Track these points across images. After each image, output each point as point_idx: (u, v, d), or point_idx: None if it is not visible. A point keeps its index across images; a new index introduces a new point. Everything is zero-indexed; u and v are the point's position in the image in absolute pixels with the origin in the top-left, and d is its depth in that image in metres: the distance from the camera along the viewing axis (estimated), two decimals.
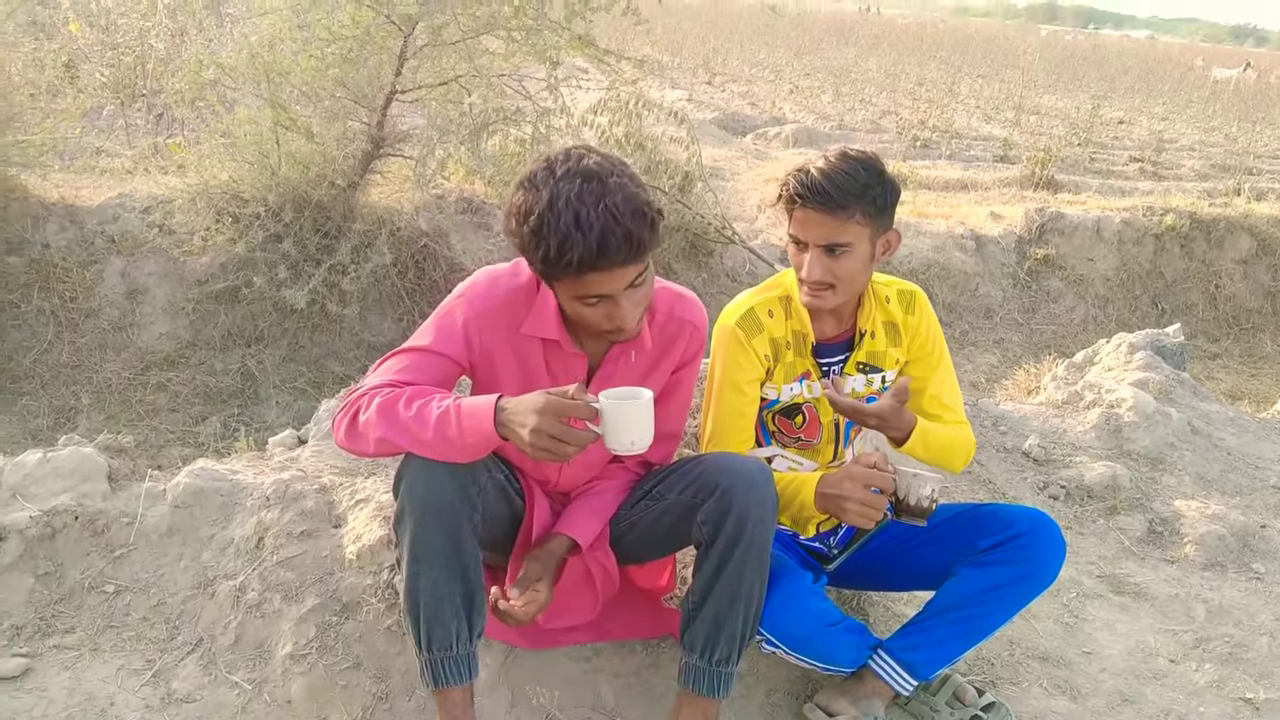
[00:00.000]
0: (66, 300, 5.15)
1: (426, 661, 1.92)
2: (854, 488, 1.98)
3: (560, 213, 1.68)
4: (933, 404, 2.32)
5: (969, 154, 12.07)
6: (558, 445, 1.65)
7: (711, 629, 1.97)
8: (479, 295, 1.96)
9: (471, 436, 1.73)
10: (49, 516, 2.44)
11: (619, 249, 1.69)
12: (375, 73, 5.38)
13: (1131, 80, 25.23)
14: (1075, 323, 7.46)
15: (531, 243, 1.72)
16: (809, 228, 2.08)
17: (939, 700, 2.29)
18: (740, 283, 6.77)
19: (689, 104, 13.44)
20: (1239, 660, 2.74)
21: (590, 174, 1.71)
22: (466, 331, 1.94)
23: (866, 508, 1.97)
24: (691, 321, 2.07)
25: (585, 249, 1.67)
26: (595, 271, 1.71)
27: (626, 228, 1.69)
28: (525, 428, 1.65)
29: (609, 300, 1.79)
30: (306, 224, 5.23)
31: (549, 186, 1.71)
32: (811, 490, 2.07)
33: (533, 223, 1.70)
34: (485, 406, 1.72)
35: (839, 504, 2.00)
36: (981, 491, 3.43)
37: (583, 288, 1.76)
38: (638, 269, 1.78)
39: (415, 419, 1.77)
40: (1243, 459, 3.90)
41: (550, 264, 1.71)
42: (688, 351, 2.09)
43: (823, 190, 2.03)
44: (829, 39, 27.73)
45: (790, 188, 2.08)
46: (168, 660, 2.29)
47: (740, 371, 2.18)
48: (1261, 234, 8.13)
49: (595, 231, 1.67)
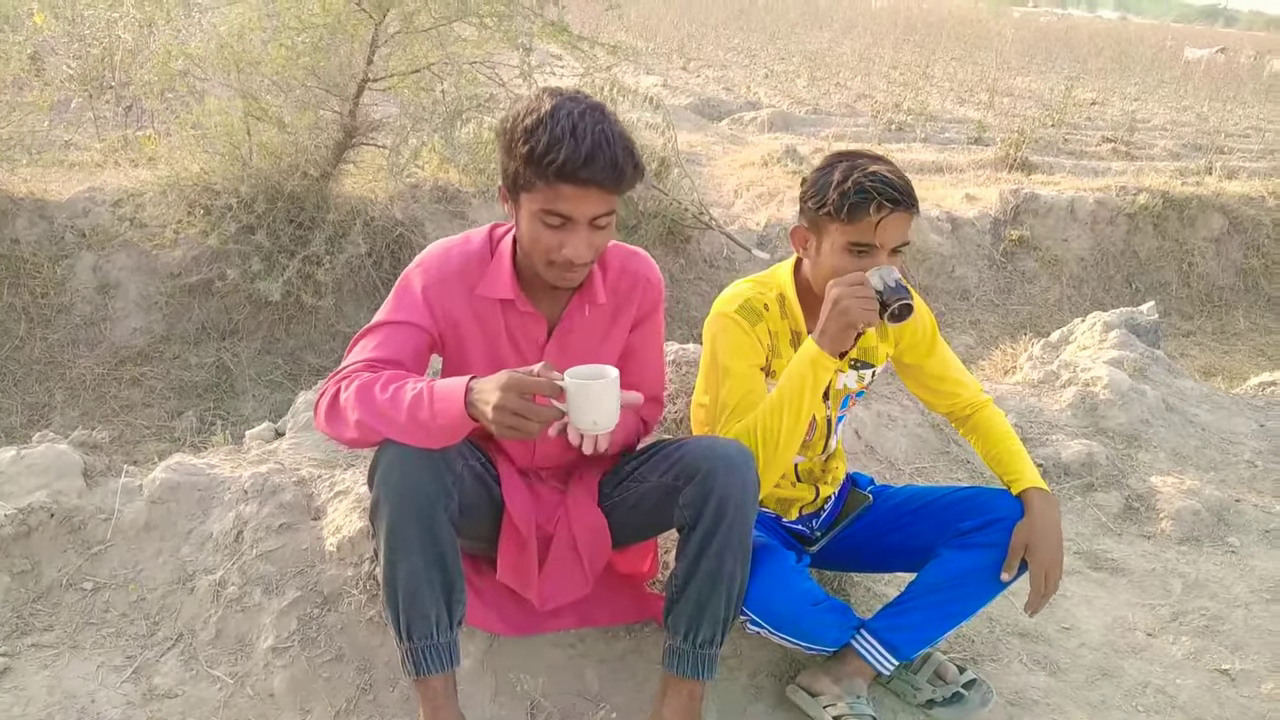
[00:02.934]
0: (37, 296, 5.09)
1: (407, 651, 1.92)
2: (841, 290, 1.97)
3: (560, 120, 1.75)
4: (943, 384, 2.35)
5: (943, 136, 12.09)
6: (522, 422, 1.66)
7: (694, 612, 1.98)
8: (434, 264, 1.99)
9: (443, 418, 1.74)
10: (24, 514, 2.42)
11: (602, 168, 1.75)
12: (347, 61, 5.33)
13: (1104, 61, 25.35)
14: (1050, 303, 7.51)
15: (522, 138, 1.77)
16: (893, 230, 2.02)
17: (920, 678, 2.31)
18: (718, 268, 6.77)
19: (664, 90, 13.39)
20: (1215, 633, 2.78)
21: (595, 105, 1.82)
22: (427, 298, 1.96)
23: (862, 299, 1.96)
24: (645, 275, 2.10)
25: (572, 153, 1.73)
26: (572, 184, 1.76)
27: (615, 152, 1.76)
28: (489, 404, 1.66)
29: (569, 226, 1.82)
30: (280, 215, 5.18)
31: (554, 101, 1.80)
32: (810, 346, 2.04)
33: (529, 122, 1.77)
34: (456, 387, 1.74)
35: (840, 313, 1.97)
36: (960, 471, 3.46)
37: (552, 200, 1.79)
38: (607, 203, 1.82)
39: (390, 402, 1.78)
40: (1217, 434, 3.95)
41: (533, 162, 1.76)
42: (644, 306, 2.10)
43: (907, 191, 2.00)
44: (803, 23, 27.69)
45: (878, 195, 1.98)
46: (148, 656, 2.28)
47: (743, 358, 2.15)
48: (1233, 212, 8.20)
49: (587, 143, 1.74)
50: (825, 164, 2.10)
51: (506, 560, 2.10)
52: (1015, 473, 2.23)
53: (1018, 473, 2.22)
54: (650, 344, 2.18)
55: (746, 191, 8.29)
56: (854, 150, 2.12)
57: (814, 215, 2.09)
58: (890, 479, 3.24)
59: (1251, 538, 3.27)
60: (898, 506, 2.38)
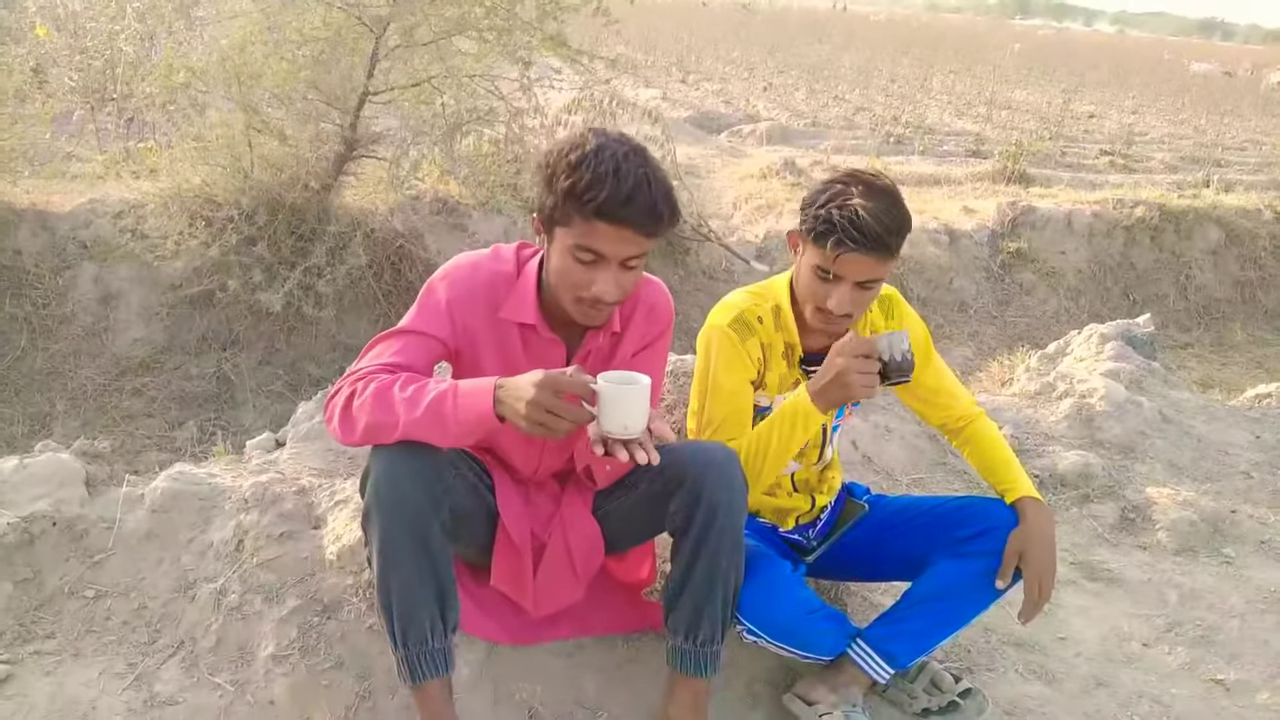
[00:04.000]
0: (39, 307, 5.11)
1: (403, 658, 1.93)
2: (848, 361, 1.99)
3: (604, 160, 1.78)
4: (937, 397, 2.36)
5: (942, 149, 12.15)
6: (553, 420, 1.68)
7: (692, 614, 2.01)
8: (462, 277, 2.00)
9: (465, 414, 1.76)
10: (27, 523, 2.43)
11: (641, 209, 1.78)
12: (347, 74, 5.37)
13: (1102, 74, 25.45)
14: (1048, 315, 7.53)
15: (564, 173, 1.80)
16: (852, 268, 2.03)
17: (916, 687, 2.32)
18: (716, 280, 6.80)
19: (663, 102, 13.46)
20: (1210, 643, 2.79)
21: (638, 147, 1.85)
22: (450, 311, 1.97)
23: (865, 375, 1.98)
24: (652, 304, 2.11)
25: (614, 193, 1.76)
26: (609, 223, 1.78)
27: (655, 197, 1.79)
28: (522, 400, 1.69)
29: (600, 264, 1.83)
30: (280, 227, 5.21)
31: (599, 140, 1.83)
32: (804, 399, 2.07)
33: (574, 158, 1.80)
34: (484, 385, 1.76)
35: (841, 384, 2.00)
36: (957, 482, 3.47)
37: (588, 236, 1.81)
38: (640, 246, 1.84)
39: (409, 400, 1.79)
40: (1213, 446, 3.96)
41: (573, 197, 1.78)
42: (650, 333, 2.12)
43: (875, 236, 1.99)
44: (802, 36, 27.82)
45: (839, 231, 1.99)
46: (149, 664, 2.29)
47: (734, 373, 2.18)
48: (1230, 225, 8.23)
49: (629, 184, 1.77)
50: (829, 179, 2.12)
51: (501, 567, 2.12)
52: (1009, 482, 2.24)
53: (1011, 482, 2.24)
54: (651, 368, 2.17)
55: (745, 204, 8.32)
56: (861, 174, 2.10)
57: (799, 226, 2.13)
58: (888, 489, 3.25)
59: (1247, 548, 3.29)
60: (893, 516, 2.39)
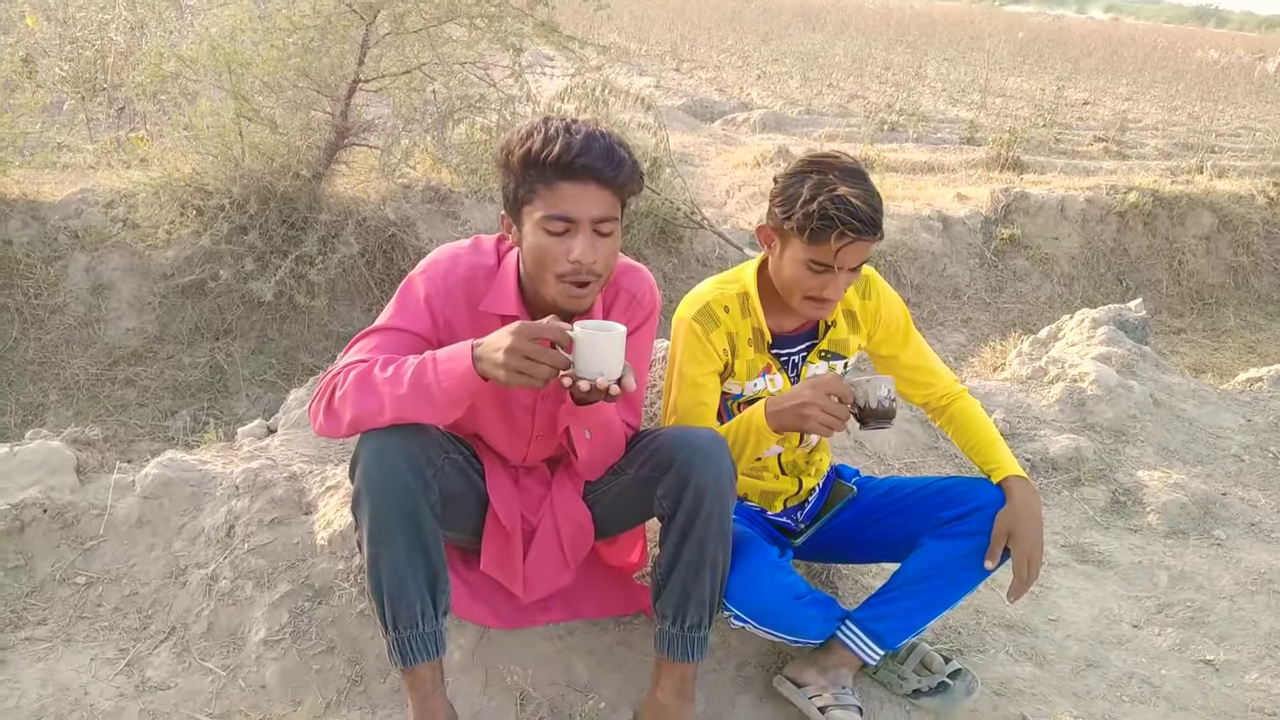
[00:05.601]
0: (31, 297, 5.09)
1: (394, 641, 1.94)
2: (815, 394, 2.01)
3: (553, 123, 1.85)
4: (918, 374, 2.37)
5: (935, 136, 12.12)
6: (531, 366, 1.69)
7: (680, 598, 2.01)
8: (440, 271, 2.00)
9: (448, 380, 1.77)
10: (17, 510, 2.44)
11: (598, 155, 1.81)
12: (338, 62, 5.35)
13: (1096, 61, 25.42)
14: (1041, 301, 7.53)
15: (518, 145, 1.83)
16: (851, 255, 2.04)
17: (906, 668, 2.33)
18: (710, 268, 6.79)
19: (657, 90, 13.40)
20: (1200, 624, 2.80)
21: (591, 122, 1.91)
22: (430, 306, 1.97)
23: (829, 415, 2.00)
24: (635, 293, 2.11)
25: (566, 146, 1.80)
26: (570, 179, 1.80)
27: (610, 144, 1.84)
28: (500, 350, 1.70)
29: (573, 230, 1.84)
30: (272, 215, 5.19)
31: (546, 116, 1.90)
32: (761, 414, 2.10)
33: (525, 128, 1.85)
34: (462, 347, 1.78)
35: (799, 414, 2.02)
36: (949, 466, 3.48)
37: (553, 202, 1.82)
38: (608, 202, 1.85)
39: (391, 379, 1.81)
40: (1204, 429, 3.98)
41: (529, 164, 1.82)
42: (632, 321, 2.11)
43: (871, 220, 2.01)
44: (796, 24, 27.74)
45: (839, 224, 1.98)
46: (141, 649, 2.30)
47: (698, 365, 2.20)
48: (1223, 210, 8.24)
49: (580, 136, 1.82)
50: (797, 170, 2.10)
51: (491, 551, 2.13)
52: (995, 461, 2.25)
53: (997, 461, 2.25)
54: (637, 355, 2.16)
55: (739, 191, 8.31)
56: (827, 159, 2.09)
57: (779, 221, 2.10)
58: (879, 474, 3.26)
59: (1237, 530, 3.30)
60: (881, 498, 2.40)
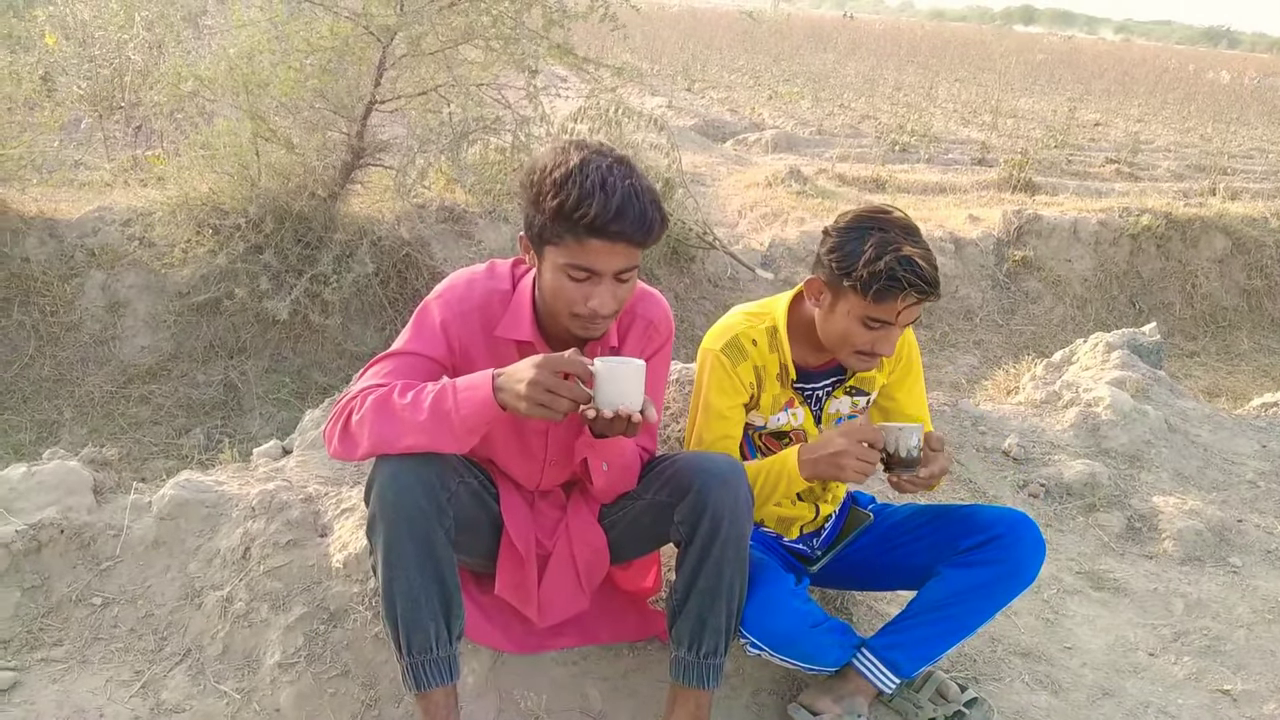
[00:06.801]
0: (47, 314, 5.13)
1: (407, 666, 1.94)
2: (849, 443, 2.03)
3: (589, 174, 1.77)
4: (907, 413, 2.37)
5: (947, 157, 12.14)
6: (553, 399, 1.70)
7: (696, 625, 2.01)
8: (456, 296, 2.00)
9: (467, 407, 1.77)
10: (35, 530, 2.44)
11: (632, 222, 1.78)
12: (354, 83, 5.39)
13: (1107, 83, 25.44)
14: (1054, 323, 7.52)
15: (550, 191, 1.79)
16: (911, 314, 2.07)
17: (922, 697, 2.32)
18: (722, 288, 6.80)
19: (669, 111, 13.46)
20: (1217, 653, 2.78)
21: (621, 159, 1.84)
22: (445, 332, 1.98)
23: (863, 462, 2.02)
24: (650, 319, 2.11)
25: (602, 208, 1.75)
26: (600, 238, 1.78)
27: (644, 206, 1.79)
28: (522, 382, 1.71)
29: (594, 280, 1.84)
30: (287, 235, 5.22)
31: (581, 155, 1.81)
32: (794, 460, 2.10)
33: (558, 175, 1.79)
34: (482, 376, 1.78)
35: (835, 463, 2.04)
36: (962, 491, 3.47)
37: (579, 254, 1.81)
38: (632, 257, 1.84)
39: (410, 405, 1.81)
40: (1219, 455, 3.96)
41: (562, 216, 1.78)
42: (648, 349, 2.12)
43: (935, 281, 2.03)
44: (808, 45, 27.85)
45: (908, 286, 2.00)
46: (156, 671, 2.30)
47: (724, 398, 2.21)
48: (1236, 233, 8.22)
49: (617, 197, 1.76)
50: (854, 225, 2.09)
51: (505, 576, 2.13)
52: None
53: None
54: (653, 381, 2.18)
55: (750, 212, 8.34)
56: (882, 214, 2.09)
57: (835, 277, 2.08)
58: (894, 498, 3.25)
59: (1254, 558, 3.28)
60: (898, 525, 2.39)
